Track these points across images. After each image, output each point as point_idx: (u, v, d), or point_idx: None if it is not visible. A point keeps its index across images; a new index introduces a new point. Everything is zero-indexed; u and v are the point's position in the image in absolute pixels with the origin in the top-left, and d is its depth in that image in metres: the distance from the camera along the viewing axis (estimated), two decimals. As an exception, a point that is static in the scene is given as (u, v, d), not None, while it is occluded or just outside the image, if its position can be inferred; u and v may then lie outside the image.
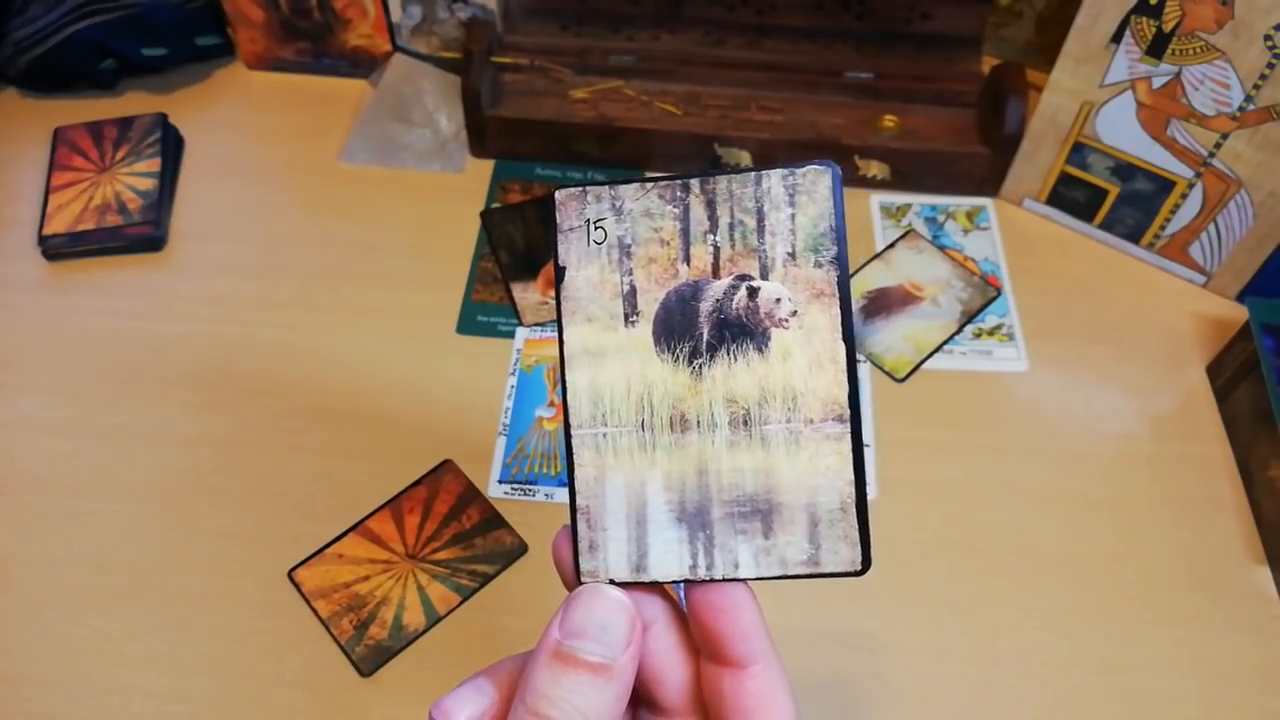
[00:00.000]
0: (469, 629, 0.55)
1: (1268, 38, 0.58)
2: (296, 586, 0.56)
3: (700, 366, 0.27)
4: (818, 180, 0.26)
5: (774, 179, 0.26)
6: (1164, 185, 0.67)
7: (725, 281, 0.26)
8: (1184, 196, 0.67)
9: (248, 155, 0.79)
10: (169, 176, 0.75)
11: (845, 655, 0.54)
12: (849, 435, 0.26)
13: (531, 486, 0.60)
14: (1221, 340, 0.65)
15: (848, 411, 0.26)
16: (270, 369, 0.65)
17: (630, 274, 0.27)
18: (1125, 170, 0.68)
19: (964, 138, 0.74)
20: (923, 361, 0.66)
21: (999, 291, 0.69)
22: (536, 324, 0.67)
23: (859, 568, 0.26)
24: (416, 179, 0.76)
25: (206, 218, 0.74)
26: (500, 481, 0.60)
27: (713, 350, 0.27)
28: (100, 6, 0.78)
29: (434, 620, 0.55)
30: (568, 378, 0.27)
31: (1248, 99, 0.61)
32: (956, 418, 0.63)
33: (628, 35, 0.79)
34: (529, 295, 0.69)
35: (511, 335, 0.67)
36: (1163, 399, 0.64)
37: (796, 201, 0.26)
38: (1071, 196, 0.72)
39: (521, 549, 0.57)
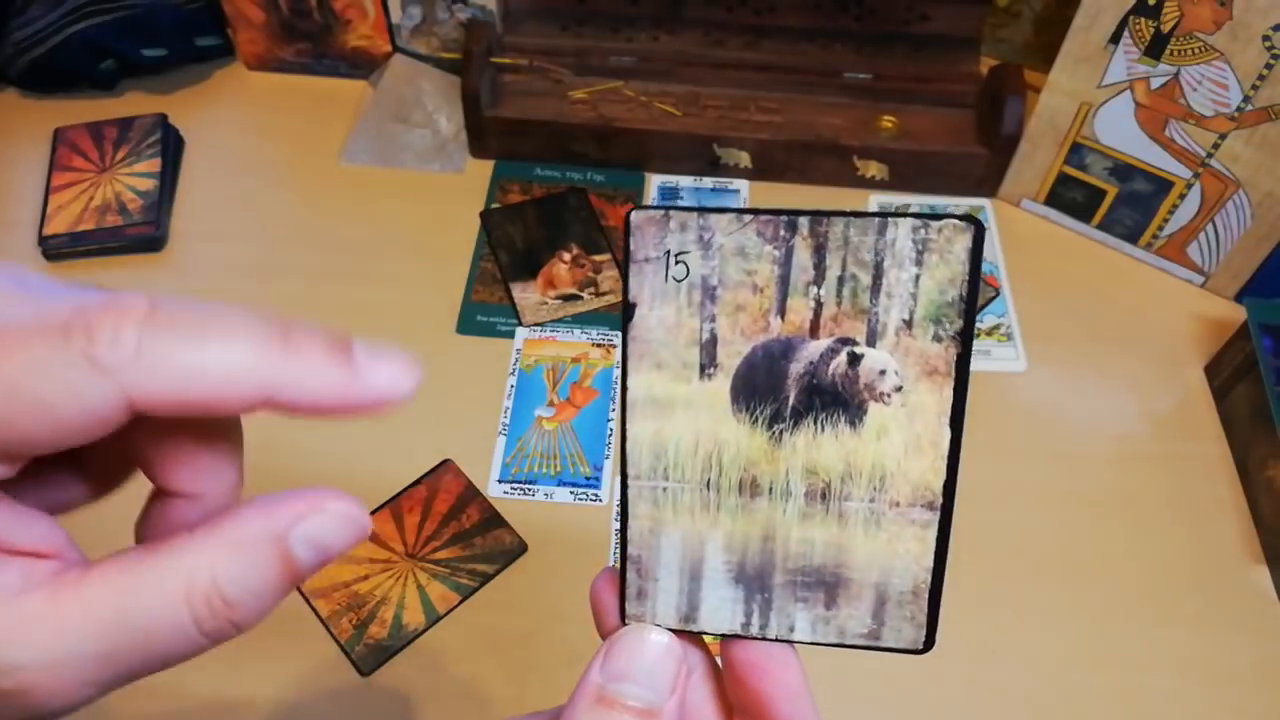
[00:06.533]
0: (469, 628, 0.55)
1: (1266, 38, 0.58)
2: (297, 586, 0.56)
3: (781, 432, 0.24)
4: (955, 239, 0.22)
5: (902, 229, 0.22)
6: (1162, 186, 0.67)
7: (824, 343, 0.23)
8: (1182, 197, 0.67)
9: (248, 155, 0.79)
10: (169, 177, 0.75)
11: (844, 655, 0.54)
12: (937, 524, 0.24)
13: (531, 486, 0.60)
14: (1219, 340, 0.65)
15: (940, 500, 0.24)
16: (270, 369, 0.65)
17: (712, 321, 0.24)
18: (1123, 171, 0.68)
19: (962, 138, 0.74)
20: (922, 361, 0.66)
21: (997, 292, 0.69)
22: (536, 324, 0.67)
23: (920, 647, 0.25)
24: (416, 179, 0.76)
25: (206, 218, 0.74)
26: (500, 481, 0.60)
27: (798, 416, 0.24)
28: (100, 7, 0.78)
29: (434, 619, 0.55)
30: (628, 426, 0.25)
31: (1246, 99, 0.61)
32: (955, 418, 0.63)
33: (627, 36, 0.79)
34: (529, 295, 0.69)
35: (511, 335, 0.67)
36: (1161, 399, 0.64)
37: (925, 261, 0.22)
38: (1070, 197, 0.72)
39: (521, 548, 0.57)
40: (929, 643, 0.25)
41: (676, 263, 0.24)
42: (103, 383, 0.18)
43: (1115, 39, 0.63)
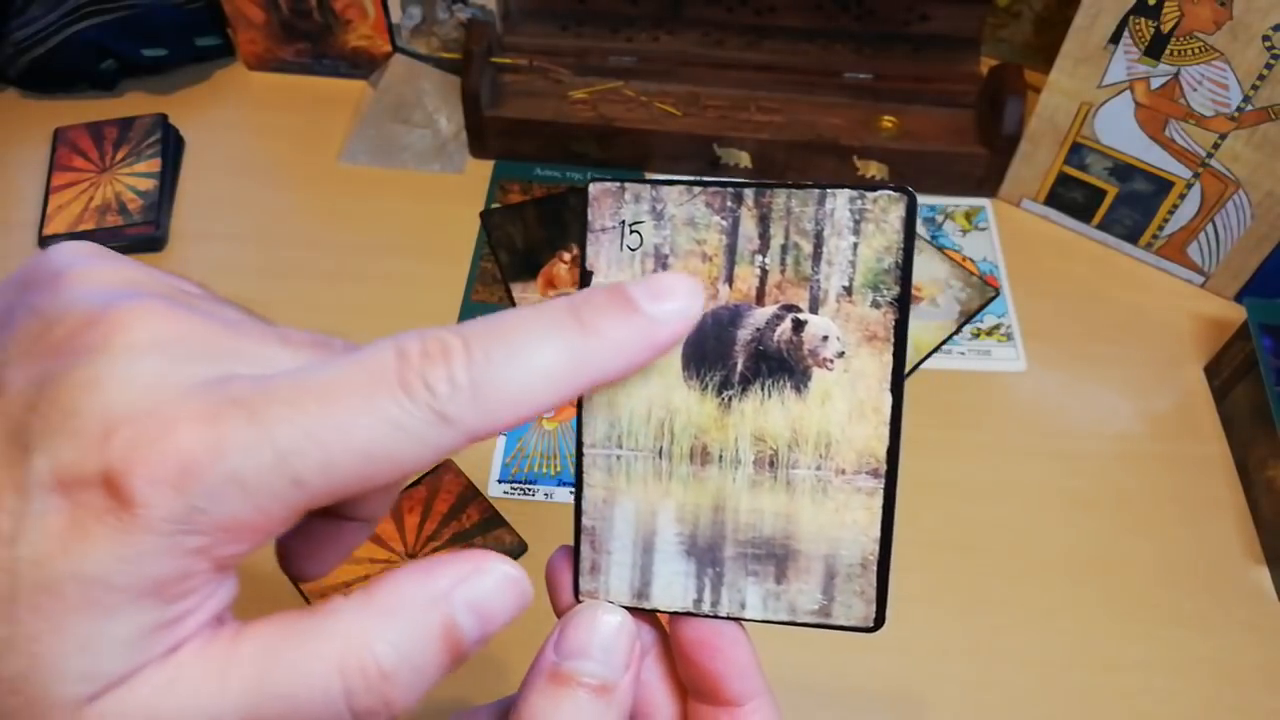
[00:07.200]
0: (469, 628, 0.55)
1: (1266, 38, 0.58)
2: (297, 586, 0.56)
3: (730, 398, 0.24)
4: (889, 209, 0.23)
5: (840, 200, 0.23)
6: (1162, 185, 0.67)
7: (769, 310, 0.24)
8: (1182, 197, 0.67)
9: (248, 155, 0.79)
10: (169, 177, 0.75)
11: (842, 655, 0.54)
12: (882, 492, 0.24)
13: (531, 486, 0.60)
14: (1219, 340, 0.65)
15: (884, 467, 0.24)
16: (270, 369, 0.65)
17: None
18: (1123, 171, 0.68)
19: (962, 138, 0.74)
20: (921, 362, 0.66)
21: (997, 291, 0.69)
22: (536, 324, 0.67)
23: (871, 624, 0.24)
24: (416, 179, 0.76)
25: (206, 218, 0.74)
26: (500, 481, 0.60)
27: (746, 383, 0.24)
28: (100, 7, 0.78)
29: (434, 620, 0.55)
30: (584, 393, 0.25)
31: (1246, 99, 0.61)
32: (955, 418, 0.63)
33: (627, 36, 0.79)
34: (529, 295, 0.69)
35: (511, 335, 0.67)
36: (1161, 399, 0.64)
37: (862, 230, 0.23)
38: (1070, 197, 0.72)
39: (521, 548, 0.57)
40: (879, 620, 0.24)
41: (631, 232, 0.25)
42: (449, 432, 0.19)
43: (1115, 39, 0.63)
